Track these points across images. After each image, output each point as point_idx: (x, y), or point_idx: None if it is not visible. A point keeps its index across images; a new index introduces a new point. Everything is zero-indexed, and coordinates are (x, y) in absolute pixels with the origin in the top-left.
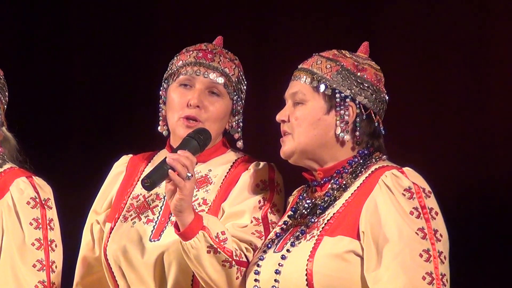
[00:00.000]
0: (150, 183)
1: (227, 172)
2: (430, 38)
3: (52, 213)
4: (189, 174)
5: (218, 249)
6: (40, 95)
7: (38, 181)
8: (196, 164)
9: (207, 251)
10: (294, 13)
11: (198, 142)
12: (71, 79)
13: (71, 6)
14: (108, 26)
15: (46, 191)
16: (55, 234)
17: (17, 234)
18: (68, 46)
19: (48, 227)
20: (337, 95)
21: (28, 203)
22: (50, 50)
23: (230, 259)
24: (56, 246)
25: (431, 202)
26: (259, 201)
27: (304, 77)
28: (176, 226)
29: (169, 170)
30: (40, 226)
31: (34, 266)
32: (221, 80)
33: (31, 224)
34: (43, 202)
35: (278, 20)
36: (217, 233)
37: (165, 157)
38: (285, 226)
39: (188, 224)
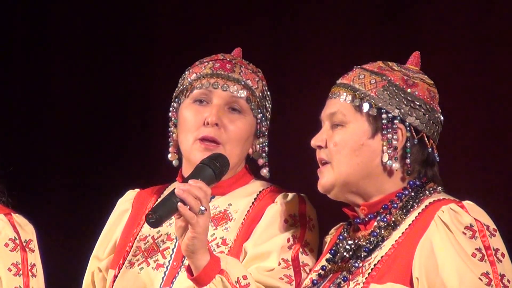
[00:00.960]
0: (156, 218)
1: (250, 206)
2: (488, 41)
3: (35, 257)
4: (203, 208)
5: None
6: (25, 117)
7: (18, 219)
8: (214, 197)
9: None
10: (324, 19)
11: (213, 170)
12: (54, 101)
13: (57, 32)
14: (97, 52)
15: (28, 231)
16: (38, 282)
17: None
18: (54, 73)
19: (30, 273)
20: (384, 116)
21: (6, 245)
22: (33, 74)
23: None
24: None
25: (497, 242)
26: (288, 240)
27: (344, 94)
28: (189, 270)
29: (179, 204)
30: (21, 272)
31: None
32: (243, 93)
33: (10, 270)
34: (24, 244)
35: (305, 26)
36: (238, 277)
37: (174, 188)
38: (323, 272)
39: (203, 267)
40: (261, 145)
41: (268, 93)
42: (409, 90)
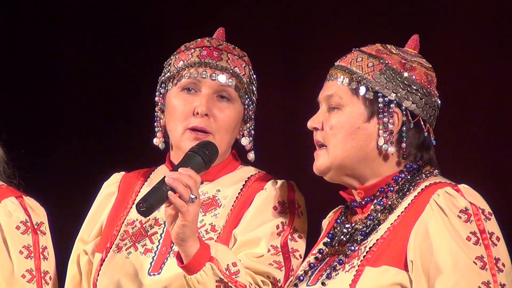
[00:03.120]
0: (146, 207)
1: (239, 193)
2: (496, 28)
3: (46, 240)
4: (193, 196)
5: (229, 284)
6: (31, 101)
7: (30, 201)
8: (202, 183)
9: (216, 286)
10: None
11: (202, 158)
12: (59, 85)
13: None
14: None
15: (39, 213)
16: (49, 265)
17: (4, 264)
18: (62, 54)
19: (41, 256)
20: (380, 100)
21: (18, 227)
22: (40, 59)
23: None
24: (50, 278)
25: (492, 226)
26: (277, 226)
27: (342, 77)
28: (179, 258)
29: (169, 192)
30: (32, 255)
31: None
32: (231, 82)
33: (21, 252)
34: (36, 226)
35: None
36: (228, 264)
37: (164, 177)
38: (320, 255)
39: (193, 255)
40: (248, 129)
41: (254, 76)
42: (406, 74)
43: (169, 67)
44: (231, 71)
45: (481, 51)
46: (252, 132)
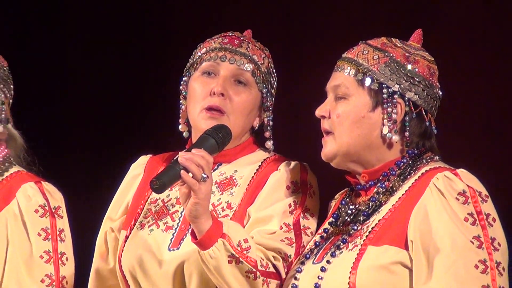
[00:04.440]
0: (159, 185)
1: (255, 173)
2: (492, 25)
3: (63, 223)
4: (205, 175)
5: (240, 259)
6: (48, 90)
7: (48, 186)
8: (221, 164)
9: (228, 261)
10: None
11: (216, 140)
12: (82, 77)
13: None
14: (119, 30)
15: (57, 198)
16: (66, 246)
17: (24, 245)
18: (78, 45)
19: (59, 238)
20: (384, 91)
21: (36, 211)
22: (59, 48)
23: (254, 270)
24: (67, 259)
25: (488, 208)
26: (290, 205)
27: (348, 68)
28: (193, 234)
29: (182, 171)
30: (50, 237)
31: (42, 281)
32: (249, 67)
33: (39, 234)
34: (53, 210)
35: (311, 5)
36: (239, 240)
37: (177, 156)
38: (325, 235)
39: (206, 231)
40: (267, 118)
41: (274, 70)
42: (409, 66)
43: (193, 56)
44: (249, 57)
45: (478, 45)
46: (271, 122)
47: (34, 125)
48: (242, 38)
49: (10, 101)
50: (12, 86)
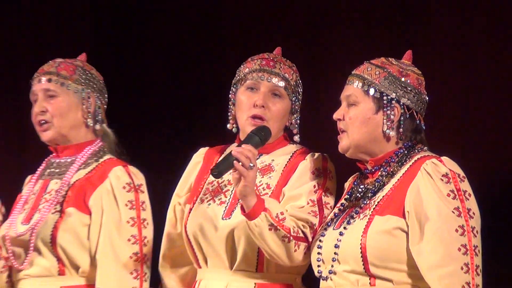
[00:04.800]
0: (217, 172)
1: (287, 162)
2: (463, 47)
3: (144, 197)
4: (251, 164)
5: (278, 227)
6: (135, 99)
7: (132, 169)
8: (261, 155)
9: (269, 229)
10: (343, 24)
11: (259, 138)
12: (160, 83)
13: (153, 19)
14: (188, 40)
15: (139, 178)
16: (147, 214)
17: (114, 213)
18: (155, 52)
19: (141, 208)
20: (385, 98)
21: (124, 187)
22: (136, 56)
23: (288, 235)
24: (147, 224)
25: (465, 186)
26: (314, 186)
27: (357, 82)
28: (242, 208)
29: (234, 161)
30: (134, 207)
31: (128, 240)
32: (282, 83)
33: (126, 205)
34: (137, 187)
35: (330, 31)
36: (277, 213)
37: (231, 150)
38: (342, 208)
39: (252, 206)
40: (295, 119)
41: (300, 81)
42: (403, 79)
43: (239, 72)
44: (281, 75)
45: (454, 60)
46: (298, 121)
47: (123, 122)
48: (275, 60)
49: (105, 106)
50: (106, 95)
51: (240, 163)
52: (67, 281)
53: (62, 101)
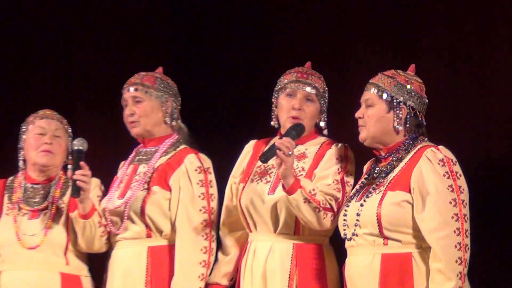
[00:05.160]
0: (264, 158)
1: (317, 150)
2: (450, 60)
3: (212, 177)
4: (290, 153)
5: (311, 200)
6: (203, 102)
7: (202, 156)
8: (297, 145)
9: (304, 202)
10: (362, 42)
11: (296, 132)
12: (221, 90)
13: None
14: (240, 53)
15: (207, 162)
16: (214, 190)
17: (189, 190)
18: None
19: (209, 185)
20: (394, 101)
21: (196, 170)
22: (204, 68)
23: (318, 206)
24: (214, 198)
25: (457, 168)
26: (338, 169)
27: (373, 88)
28: (283, 186)
29: (277, 150)
30: (204, 185)
31: (200, 210)
32: (313, 91)
33: (198, 183)
34: (205, 169)
35: (355, 49)
36: (310, 190)
37: (275, 142)
38: (362, 185)
39: (291, 184)
40: (323, 118)
41: (326, 88)
42: (408, 86)
43: (280, 82)
44: (313, 85)
45: (442, 74)
46: (325, 119)
47: (194, 120)
48: (308, 72)
49: (179, 107)
50: (179, 98)
51: (281, 152)
52: (153, 242)
53: (147, 105)
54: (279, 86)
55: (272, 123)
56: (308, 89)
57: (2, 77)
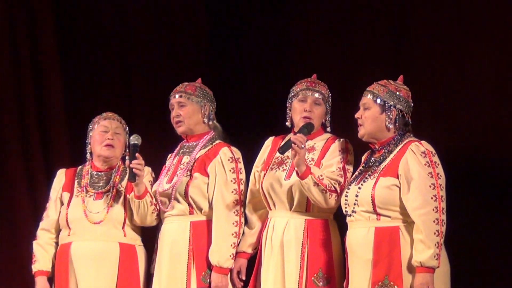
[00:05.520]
0: (282, 151)
1: (324, 144)
2: (439, 68)
3: (241, 165)
4: (303, 146)
5: (319, 184)
6: (235, 105)
7: (234, 149)
8: (308, 140)
9: (313, 185)
10: (363, 54)
11: (307, 130)
12: (249, 94)
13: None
14: (261, 60)
15: (238, 153)
16: (243, 176)
17: (223, 176)
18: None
19: (239, 172)
20: (386, 105)
21: (228, 160)
22: (236, 76)
23: (325, 189)
24: (243, 182)
25: (436, 159)
26: (340, 159)
27: (369, 95)
28: (297, 173)
29: (292, 144)
30: (235, 171)
31: (232, 192)
32: (320, 96)
33: (230, 170)
34: (236, 159)
35: (358, 64)
36: (318, 176)
37: (290, 137)
38: (360, 172)
39: (303, 171)
40: (328, 118)
41: (330, 94)
42: (398, 93)
43: (292, 90)
44: (320, 92)
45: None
46: (329, 119)
47: (227, 121)
48: (315, 82)
49: (215, 109)
50: (215, 103)
51: (296, 145)
52: (194, 218)
53: (189, 108)
54: (293, 93)
55: (286, 123)
56: (316, 95)
57: (77, 87)
